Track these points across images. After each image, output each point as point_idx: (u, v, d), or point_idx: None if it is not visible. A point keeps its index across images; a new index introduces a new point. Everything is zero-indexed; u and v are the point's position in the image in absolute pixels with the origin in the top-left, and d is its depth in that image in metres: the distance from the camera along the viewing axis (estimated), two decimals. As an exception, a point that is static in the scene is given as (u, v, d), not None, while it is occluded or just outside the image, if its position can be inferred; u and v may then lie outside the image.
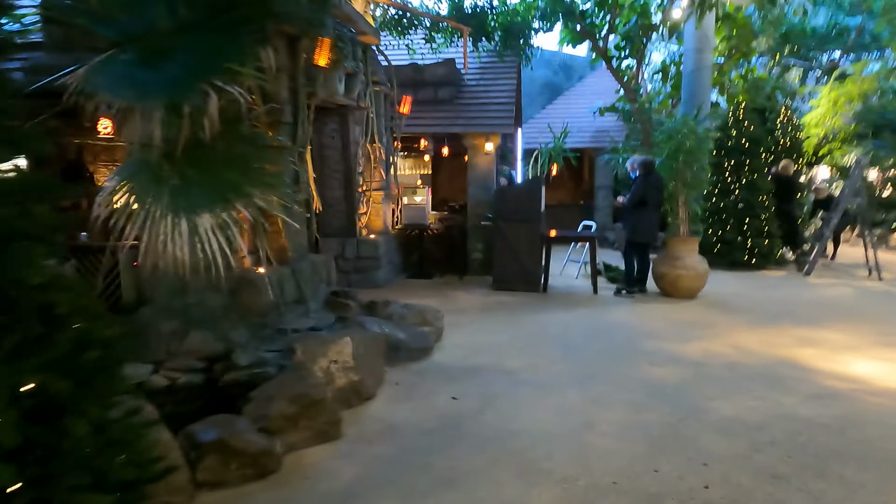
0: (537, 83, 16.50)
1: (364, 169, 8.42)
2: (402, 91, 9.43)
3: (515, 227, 7.93)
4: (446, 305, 7.14)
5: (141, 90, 4.10)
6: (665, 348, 5.37)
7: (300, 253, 5.71)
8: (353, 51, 7.47)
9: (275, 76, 5.20)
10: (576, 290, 8.22)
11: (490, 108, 9.20)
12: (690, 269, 7.42)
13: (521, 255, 7.96)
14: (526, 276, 7.97)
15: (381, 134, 8.61)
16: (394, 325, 5.31)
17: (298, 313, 5.44)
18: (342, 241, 8.32)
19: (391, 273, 8.79)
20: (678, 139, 7.39)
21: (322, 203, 8.26)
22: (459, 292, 8.00)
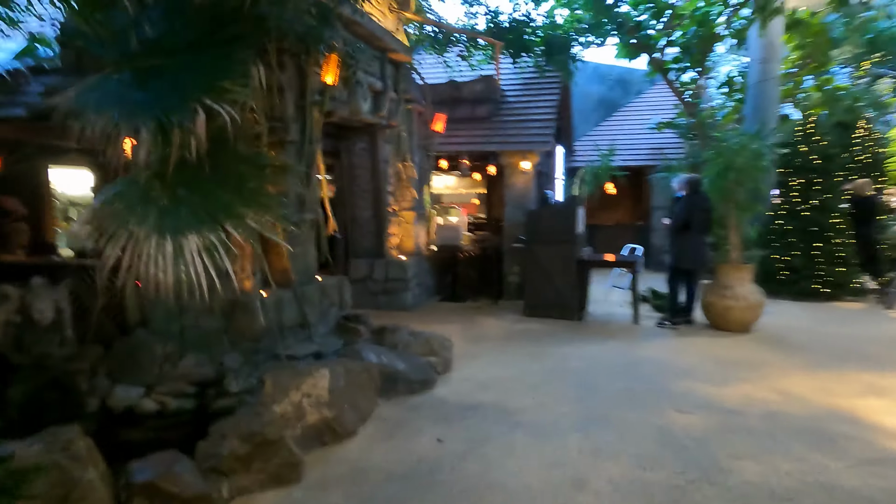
0: (592, 99, 15.85)
1: (395, 188, 8.23)
2: (439, 109, 9.22)
3: (549, 249, 7.46)
4: (469, 332, 6.77)
5: (128, 109, 4.05)
6: (698, 391, 4.75)
7: (307, 275, 5.53)
8: (382, 69, 7.34)
9: (279, 93, 5.11)
10: (616, 318, 7.61)
11: (529, 124, 8.82)
12: (742, 300, 6.67)
13: (555, 279, 7.47)
14: (560, 303, 7.46)
15: (414, 152, 8.41)
16: (396, 354, 5.00)
17: (301, 338, 5.25)
18: (371, 261, 8.14)
19: (422, 296, 8.50)
20: (728, 156, 6.70)
21: (351, 223, 8.16)
22: (488, 318, 7.59)
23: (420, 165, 8.73)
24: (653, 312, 7.81)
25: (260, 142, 4.91)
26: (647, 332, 6.89)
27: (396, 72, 8.02)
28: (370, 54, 7.05)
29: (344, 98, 6.55)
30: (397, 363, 4.77)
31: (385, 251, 8.12)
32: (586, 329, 7.02)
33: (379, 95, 7.40)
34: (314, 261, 5.68)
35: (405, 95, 8.16)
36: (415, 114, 8.44)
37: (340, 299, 6.02)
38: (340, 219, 8.25)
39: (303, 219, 5.31)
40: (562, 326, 7.09)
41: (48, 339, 4.17)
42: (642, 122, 13.42)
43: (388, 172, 8.05)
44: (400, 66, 8.05)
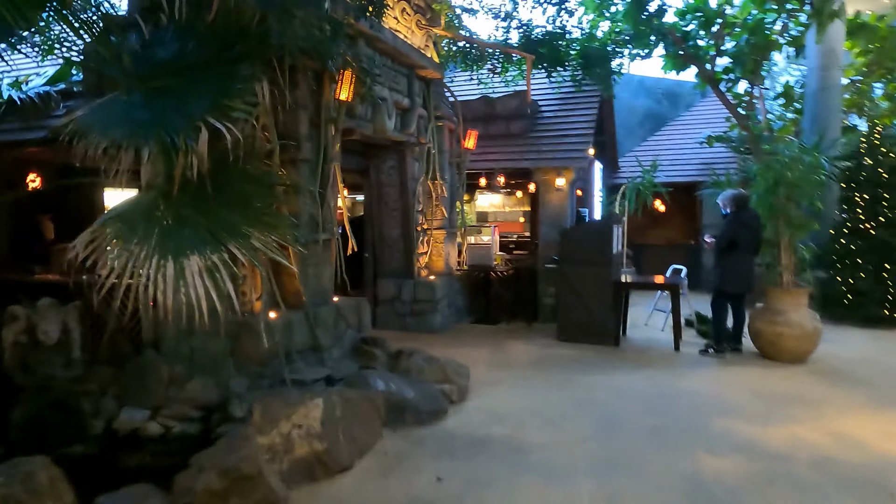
0: (637, 113, 15.26)
1: (425, 207, 8.04)
2: (472, 125, 9.03)
3: (583, 271, 7.06)
4: (495, 357, 6.45)
5: (131, 129, 4.01)
6: (738, 431, 4.26)
7: (322, 297, 5.37)
8: (409, 85, 7.21)
9: (291, 111, 5.02)
10: (656, 345, 7.10)
11: (565, 140, 8.48)
12: (796, 327, 6.06)
13: (589, 303, 7.05)
14: (594, 328, 7.03)
15: (445, 170, 8.22)
16: (407, 380, 4.74)
17: (312, 362, 5.08)
18: (399, 282, 7.95)
19: (452, 317, 8.23)
20: (778, 170, 6.17)
21: (380, 242, 8.01)
22: (518, 342, 7.24)
23: (452, 183, 8.52)
24: (697, 339, 7.25)
25: (271, 160, 4.82)
26: (689, 361, 6.37)
27: (427, 88, 7.90)
28: (396, 71, 6.94)
29: (367, 116, 6.45)
30: (406, 391, 4.52)
31: (414, 271, 7.91)
32: (622, 356, 6.56)
33: (406, 112, 7.27)
34: (330, 282, 5.53)
35: (436, 112, 8.01)
36: (446, 131, 8.26)
37: (359, 321, 5.84)
38: (369, 238, 8.15)
39: (316, 239, 5.18)
40: (595, 353, 6.66)
41: (53, 360, 4.15)
42: (693, 137, 12.79)
43: (418, 191, 7.87)
44: (430, 83, 7.92)
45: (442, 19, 7.68)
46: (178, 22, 4.65)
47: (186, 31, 4.58)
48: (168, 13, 4.70)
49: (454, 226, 8.51)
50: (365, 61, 5.23)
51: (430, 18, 7.58)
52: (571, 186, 8.44)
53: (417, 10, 7.27)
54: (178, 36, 4.59)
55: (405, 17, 6.99)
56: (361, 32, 5.96)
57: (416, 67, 7.34)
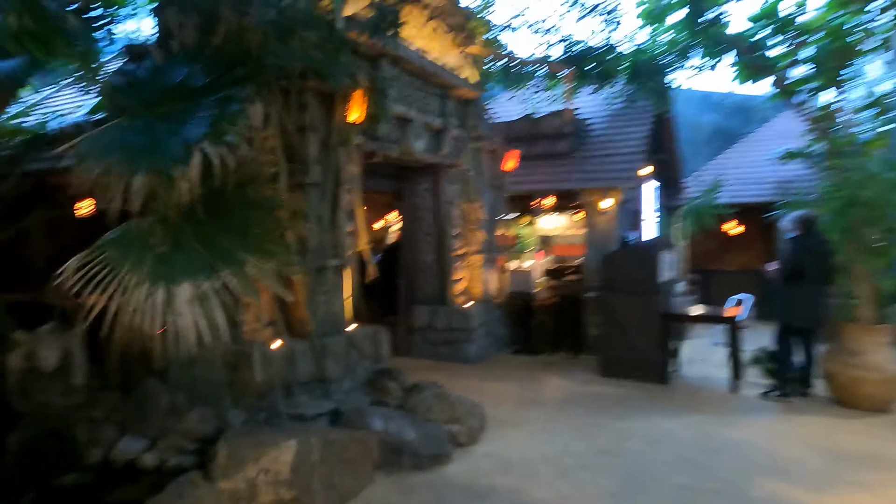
0: (704, 130, 14.20)
1: (462, 231, 7.72)
2: (516, 146, 8.66)
3: (627, 300, 6.47)
4: (525, 393, 5.98)
5: (127, 155, 3.98)
6: (786, 498, 3.59)
7: (333, 325, 5.15)
8: (442, 106, 6.98)
9: (300, 133, 4.88)
10: (712, 384, 6.35)
11: (613, 159, 7.93)
12: (875, 370, 5.20)
13: (634, 335, 6.43)
14: (639, 363, 6.39)
15: (483, 193, 7.88)
16: (410, 419, 4.39)
17: (317, 395, 4.84)
18: (433, 309, 7.64)
19: (490, 347, 7.80)
20: (851, 188, 5.38)
21: (414, 267, 7.76)
22: (554, 377, 6.71)
23: (492, 206, 8.16)
24: (763, 379, 6.43)
25: (277, 184, 4.68)
26: (745, 406, 5.61)
27: (464, 109, 7.64)
28: (426, 91, 6.73)
29: (394, 137, 6.26)
30: (407, 431, 4.17)
31: (448, 298, 7.58)
32: (669, 396, 5.89)
33: (439, 134, 7.03)
34: (342, 310, 5.30)
35: (473, 133, 7.73)
36: (485, 152, 7.94)
37: (375, 352, 5.56)
38: (404, 263, 7.92)
39: (324, 266, 4.97)
40: (639, 391, 6.02)
41: (50, 387, 4.15)
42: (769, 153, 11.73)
43: (454, 214, 7.58)
44: (468, 103, 7.66)
45: (479, 38, 7.42)
46: (187, 47, 4.67)
47: (194, 56, 4.57)
48: (179, 39, 4.73)
49: (494, 251, 8.12)
50: (379, 81, 5.03)
51: (467, 37, 7.34)
52: (621, 208, 7.85)
53: (451, 28, 7.05)
54: (186, 61, 4.58)
55: (437, 36, 6.78)
56: (383, 53, 5.81)
57: (450, 87, 7.10)
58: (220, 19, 4.47)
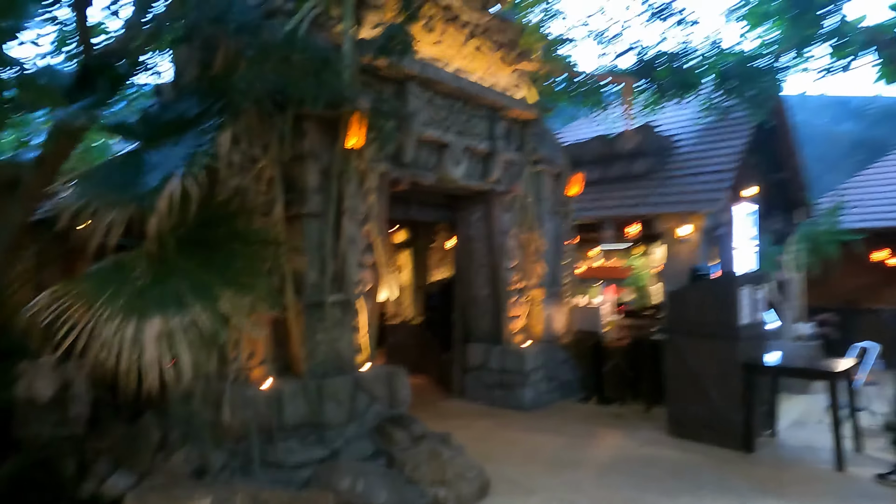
0: (841, 142, 11.87)
1: (519, 263, 7.07)
2: (590, 168, 7.87)
3: (699, 346, 5.39)
4: (567, 453, 5.15)
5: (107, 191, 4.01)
6: None
7: (336, 365, 4.79)
8: (490, 128, 6.49)
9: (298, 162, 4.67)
10: (816, 455, 5.01)
11: (696, 180, 6.83)
12: None
13: (708, 388, 5.31)
14: (715, 423, 5.25)
15: (543, 221, 7.18)
16: (389, 478, 3.86)
17: (311, 441, 4.48)
18: (488, 347, 7.02)
19: (550, 393, 6.95)
20: None
21: (470, 303, 7.23)
22: (614, 433, 5.74)
23: (556, 235, 7.41)
24: (889, 454, 4.95)
25: (270, 216, 4.49)
26: (854, 490, 4.29)
27: (521, 130, 7.08)
28: (469, 114, 6.28)
29: (430, 163, 5.88)
30: (377, 494, 3.65)
31: (504, 336, 6.92)
32: (747, 469, 4.71)
33: (487, 158, 6.53)
34: (350, 348, 4.92)
35: (533, 156, 7.11)
36: (546, 177, 7.26)
37: (390, 395, 5.09)
38: (458, 297, 7.41)
39: (321, 301, 4.65)
40: (710, 459, 4.91)
41: (44, 418, 4.22)
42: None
43: (510, 245, 6.96)
44: (527, 125, 7.08)
45: (535, 53, 6.85)
46: (191, 81, 4.70)
47: (193, 89, 4.58)
48: (187, 74, 4.78)
49: (558, 284, 7.33)
50: (384, 105, 4.69)
51: (520, 54, 6.81)
52: (705, 236, 6.70)
53: (500, 46, 6.58)
54: (186, 95, 4.61)
55: (481, 55, 6.35)
56: (409, 76, 5.50)
57: (500, 108, 6.59)
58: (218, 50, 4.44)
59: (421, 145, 5.80)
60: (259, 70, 3.95)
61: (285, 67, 4.01)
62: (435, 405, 6.88)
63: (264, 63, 3.97)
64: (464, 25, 6.13)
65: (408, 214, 6.67)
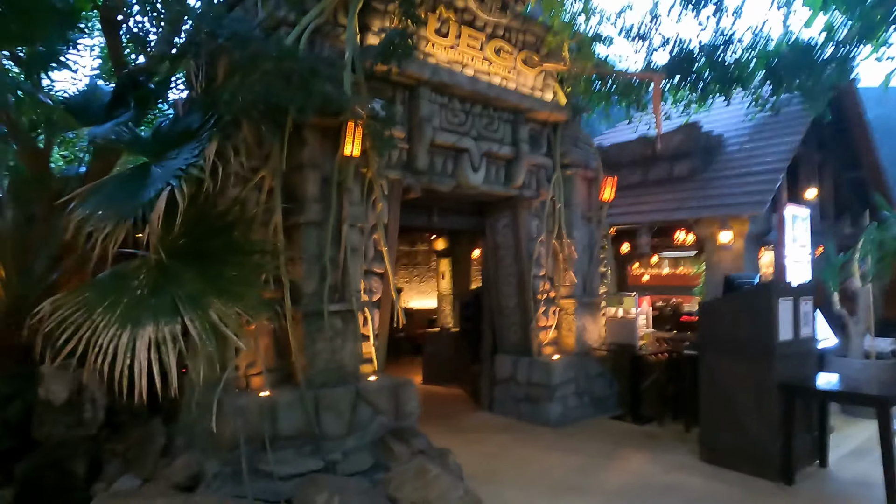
0: None
1: (549, 271, 6.78)
2: (630, 171, 7.47)
3: (731, 364, 4.90)
4: (578, 475, 4.84)
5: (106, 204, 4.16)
6: None
7: (336, 375, 4.74)
8: (514, 132, 6.28)
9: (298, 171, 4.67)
10: (865, 490, 4.41)
11: (744, 181, 6.26)
12: None
13: (742, 411, 4.82)
14: (750, 449, 4.74)
15: (574, 227, 6.84)
16: (369, 496, 3.73)
17: (306, 452, 4.45)
18: (516, 359, 6.76)
19: (580, 409, 6.58)
20: None
21: (498, 313, 7.01)
22: (638, 456, 5.32)
23: (589, 243, 7.04)
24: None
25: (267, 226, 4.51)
26: (900, 536, 3.72)
27: (551, 133, 6.80)
28: (488, 118, 6.09)
29: (447, 170, 5.75)
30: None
31: (532, 348, 6.64)
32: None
33: (511, 163, 6.31)
34: (353, 359, 4.86)
35: (563, 160, 6.81)
36: (578, 181, 6.92)
37: (396, 408, 4.98)
38: (486, 307, 7.20)
39: (319, 311, 4.60)
40: (741, 491, 4.43)
41: (59, 420, 4.43)
42: None
43: (538, 252, 6.69)
44: (557, 127, 6.80)
45: (563, 53, 6.54)
46: (196, 96, 4.83)
47: (198, 103, 4.70)
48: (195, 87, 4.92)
49: (592, 294, 6.95)
50: (381, 111, 4.60)
51: (548, 55, 6.54)
52: (751, 242, 6.12)
53: (524, 46, 6.35)
54: (193, 109, 4.74)
55: (502, 57, 6.14)
56: (421, 80, 5.40)
57: (524, 111, 6.35)
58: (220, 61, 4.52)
59: (436, 151, 5.69)
60: (244, 81, 3.97)
61: (272, 78, 4.01)
62: (458, 418, 6.71)
63: (251, 74, 4.00)
64: (482, 28, 5.95)
65: (431, 222, 6.55)
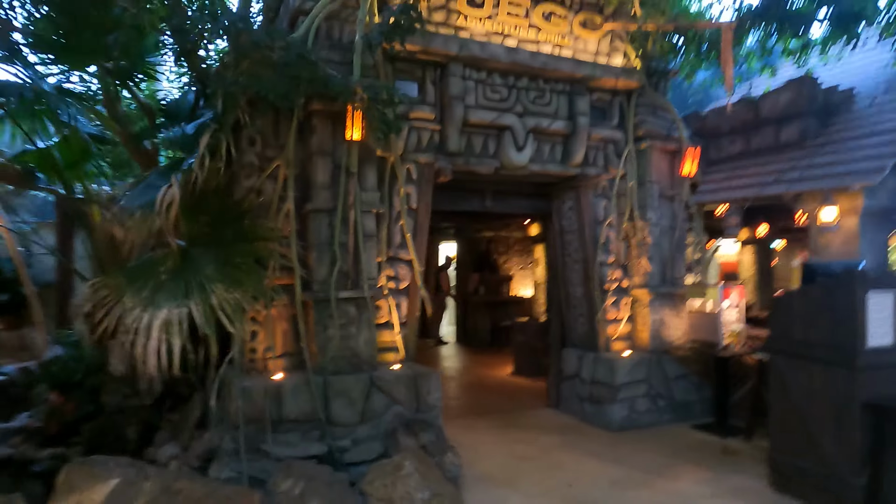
0: None
1: (619, 257, 6.07)
2: (730, 140, 6.40)
3: (805, 373, 3.92)
4: (605, 493, 4.30)
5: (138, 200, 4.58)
6: None
7: (352, 362, 4.71)
8: (570, 105, 5.71)
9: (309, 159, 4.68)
10: None
11: (860, 144, 4.93)
12: None
13: (818, 433, 3.83)
14: (828, 478, 3.76)
15: (650, 208, 6.01)
16: (338, 487, 3.63)
17: (313, 437, 4.49)
18: (582, 354, 6.17)
19: (652, 413, 5.80)
20: None
21: (565, 303, 6.46)
22: (692, 475, 4.52)
23: (671, 225, 6.13)
24: None
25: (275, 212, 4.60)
26: None
27: (624, 102, 6.05)
28: (535, 90, 5.58)
29: (488, 150, 5.41)
30: (309, 501, 3.47)
31: (598, 342, 6.01)
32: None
33: (568, 139, 5.74)
34: (369, 346, 4.78)
35: (637, 132, 6.02)
36: (655, 154, 6.05)
37: (416, 398, 4.82)
38: (554, 297, 6.66)
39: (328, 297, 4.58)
40: (798, 531, 3.54)
41: (117, 390, 4.99)
42: None
43: (606, 236, 6.01)
44: (631, 95, 6.03)
45: (635, 7, 5.70)
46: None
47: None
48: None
49: (674, 283, 6.06)
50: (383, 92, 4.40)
51: (614, 13, 5.79)
52: (872, 221, 4.81)
53: (582, 7, 5.67)
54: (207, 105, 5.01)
55: (554, 22, 5.56)
56: (449, 56, 5.11)
57: (584, 80, 5.71)
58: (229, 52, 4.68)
59: (473, 131, 5.36)
60: (233, 72, 4.07)
61: (257, 67, 4.06)
62: (520, 414, 6.31)
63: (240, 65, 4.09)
64: (523, -9, 5.45)
65: (484, 206, 6.21)
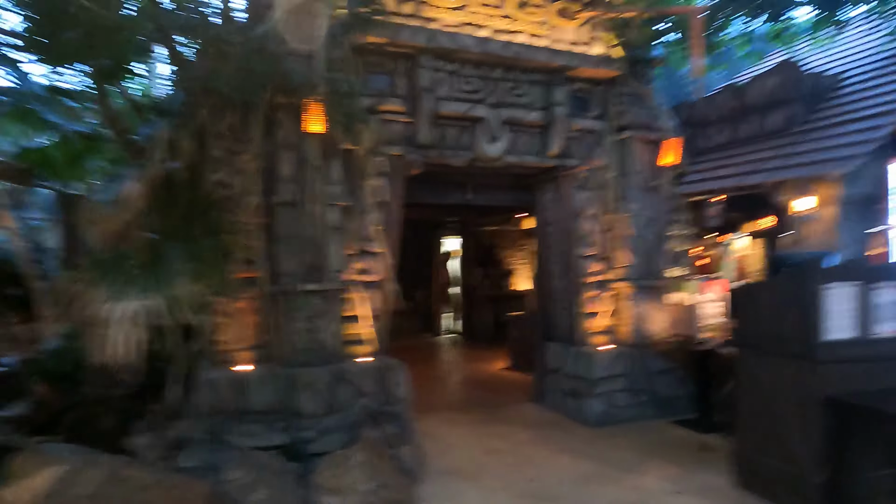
0: None
1: (600, 250, 5.98)
2: (717, 128, 6.25)
3: (774, 367, 3.80)
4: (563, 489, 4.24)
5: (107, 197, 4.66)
6: None
7: (318, 355, 4.73)
8: (547, 95, 5.64)
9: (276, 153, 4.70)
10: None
11: (839, 131, 4.75)
12: None
13: (784, 429, 3.72)
14: (793, 477, 3.64)
15: (632, 199, 5.90)
16: (288, 478, 3.66)
17: (277, 427, 4.52)
18: (563, 348, 6.10)
19: (632, 408, 5.70)
20: None
21: (548, 296, 6.39)
22: (659, 471, 4.43)
23: (653, 217, 6.00)
24: None
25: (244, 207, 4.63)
26: None
27: (604, 92, 5.95)
28: (511, 81, 5.52)
29: (462, 142, 5.37)
30: (256, 491, 3.50)
31: (578, 336, 5.93)
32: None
33: (545, 130, 5.66)
34: (334, 339, 4.80)
35: (618, 122, 5.91)
36: (636, 145, 5.94)
37: (383, 391, 4.82)
38: (538, 290, 6.60)
39: (294, 290, 4.60)
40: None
41: (96, 381, 5.10)
42: None
43: (584, 229, 5.93)
44: (611, 84, 5.93)
45: (612, -3, 5.60)
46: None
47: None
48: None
49: (655, 276, 5.93)
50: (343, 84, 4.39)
51: (592, 1, 5.68)
52: (854, 210, 4.63)
53: (558, -4, 5.59)
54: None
55: (528, 11, 5.50)
56: (418, 49, 5.08)
57: (560, 70, 5.63)
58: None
59: (446, 123, 5.33)
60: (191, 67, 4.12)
61: (217, 62, 4.10)
62: (504, 408, 6.27)
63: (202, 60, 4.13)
64: (498, -18, 5.39)
65: (465, 199, 6.17)
